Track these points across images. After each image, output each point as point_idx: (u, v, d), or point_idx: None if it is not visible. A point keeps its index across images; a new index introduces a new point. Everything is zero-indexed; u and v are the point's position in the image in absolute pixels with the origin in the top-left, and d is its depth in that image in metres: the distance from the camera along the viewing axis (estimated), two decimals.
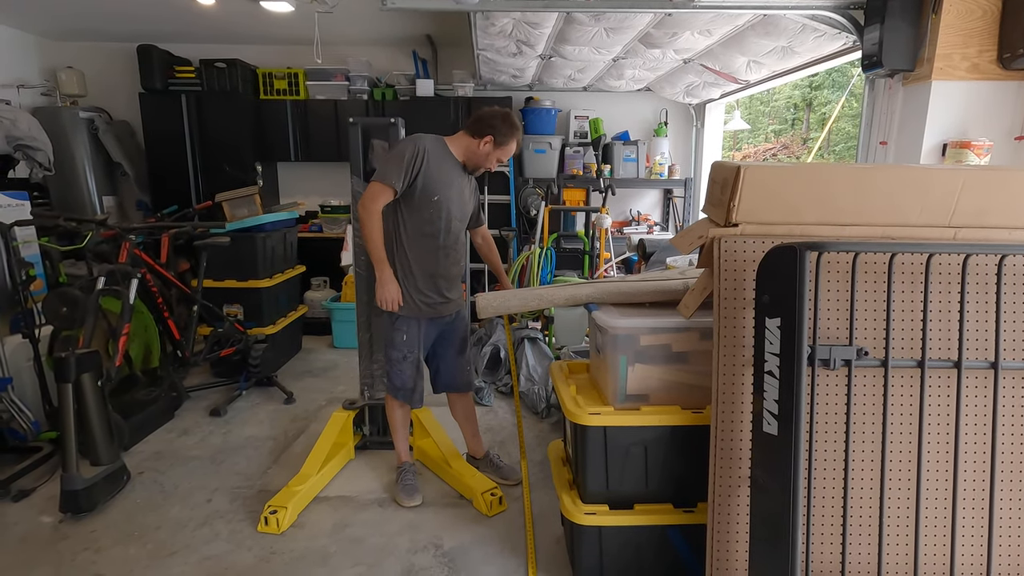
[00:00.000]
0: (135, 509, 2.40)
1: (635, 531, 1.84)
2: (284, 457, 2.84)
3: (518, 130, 2.30)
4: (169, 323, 3.28)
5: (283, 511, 2.25)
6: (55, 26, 4.68)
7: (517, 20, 3.17)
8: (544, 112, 5.03)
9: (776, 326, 1.36)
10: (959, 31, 2.37)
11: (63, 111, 4.63)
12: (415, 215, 2.26)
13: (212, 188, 4.69)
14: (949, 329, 1.47)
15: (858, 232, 1.55)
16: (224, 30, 4.68)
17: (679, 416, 1.77)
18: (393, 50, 5.20)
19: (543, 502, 2.44)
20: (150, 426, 3.09)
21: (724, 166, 1.58)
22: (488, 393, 3.52)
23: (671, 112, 5.40)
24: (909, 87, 2.57)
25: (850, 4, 2.62)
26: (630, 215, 5.57)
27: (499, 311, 2.13)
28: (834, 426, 1.46)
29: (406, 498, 2.42)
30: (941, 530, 1.46)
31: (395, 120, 2.63)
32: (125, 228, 3.03)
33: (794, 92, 12.80)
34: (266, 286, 3.85)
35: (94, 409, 2.39)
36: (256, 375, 3.65)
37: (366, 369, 2.81)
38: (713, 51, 3.57)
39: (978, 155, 2.35)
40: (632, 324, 1.80)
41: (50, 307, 2.66)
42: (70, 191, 4.64)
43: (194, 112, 4.86)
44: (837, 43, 2.97)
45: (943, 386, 1.46)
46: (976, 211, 1.52)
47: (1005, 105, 2.44)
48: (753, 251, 1.52)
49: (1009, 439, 1.46)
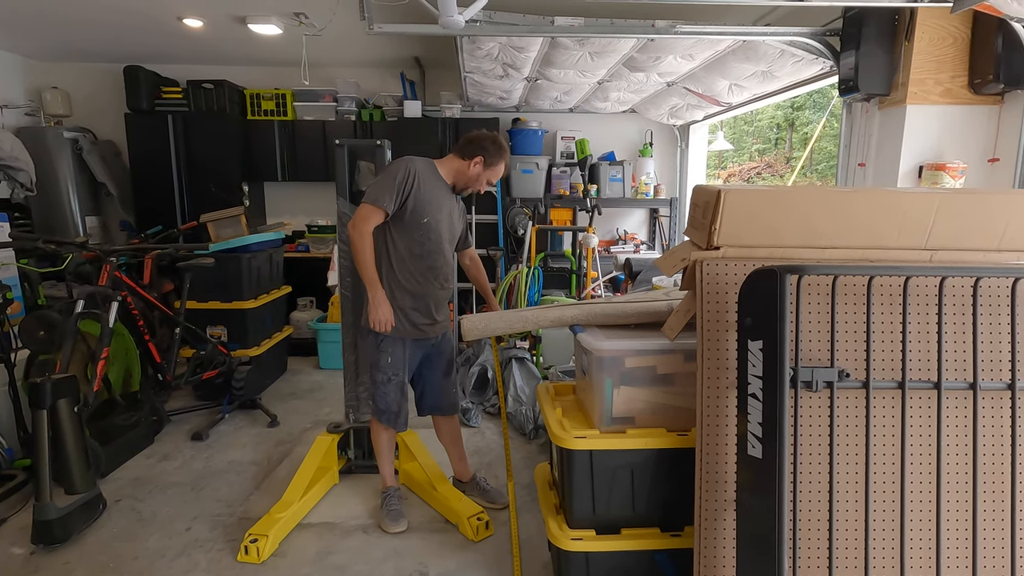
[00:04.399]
0: (111, 538, 2.33)
1: (622, 556, 1.82)
2: (267, 482, 2.78)
3: (507, 152, 2.36)
4: (150, 345, 3.22)
5: (264, 539, 2.20)
6: (41, 47, 4.67)
7: (503, 44, 3.21)
8: (531, 133, 5.09)
9: (759, 348, 1.37)
10: (931, 57, 2.44)
11: (47, 131, 4.60)
12: (405, 237, 2.26)
13: (198, 208, 4.66)
14: (929, 350, 1.48)
15: (838, 255, 1.57)
16: (212, 51, 4.70)
17: (665, 439, 1.76)
18: (381, 72, 5.25)
19: (530, 526, 2.41)
20: (129, 451, 3.02)
21: (705, 190, 1.60)
22: (476, 414, 3.49)
23: (656, 133, 5.48)
24: (885, 111, 2.63)
25: (826, 31, 2.70)
26: (617, 234, 5.61)
27: (484, 333, 2.12)
28: (818, 448, 1.46)
29: (391, 524, 2.38)
30: (926, 551, 1.46)
31: (381, 142, 2.64)
32: (106, 250, 2.99)
33: (777, 112, 13.07)
34: (251, 307, 3.80)
35: (70, 436, 2.33)
36: (240, 398, 3.59)
37: (351, 391, 2.77)
38: (696, 75, 3.64)
39: (953, 177, 2.41)
40: (617, 346, 1.80)
41: (27, 330, 2.61)
42: (53, 211, 4.59)
43: (180, 132, 4.85)
44: (815, 68, 3.04)
45: (924, 407, 1.47)
46: (951, 233, 1.55)
47: (978, 129, 2.50)
48: (735, 274, 1.53)
49: (990, 458, 1.47)
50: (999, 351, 1.47)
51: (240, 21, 3.84)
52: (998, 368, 1.47)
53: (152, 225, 4.73)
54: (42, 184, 4.17)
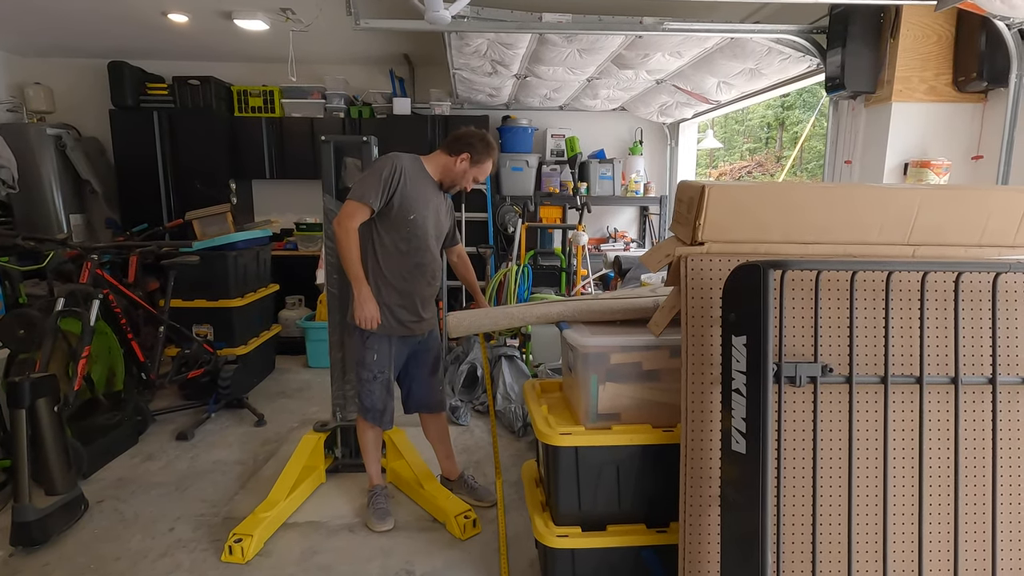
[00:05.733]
0: (92, 540, 2.30)
1: (608, 552, 1.82)
2: (252, 482, 2.75)
3: (494, 150, 2.34)
4: (133, 344, 3.18)
5: (248, 539, 2.18)
6: (24, 42, 4.60)
7: (491, 40, 3.20)
8: (521, 131, 5.07)
9: (742, 344, 1.36)
10: (916, 55, 2.46)
11: (30, 127, 4.52)
12: (391, 233, 2.25)
13: (184, 206, 4.61)
14: (911, 345, 1.48)
15: (821, 250, 1.57)
16: (198, 47, 4.64)
17: (650, 435, 1.76)
18: (370, 68, 5.22)
19: (518, 524, 2.40)
20: (113, 451, 2.98)
21: (690, 185, 1.60)
22: (465, 412, 3.48)
23: (646, 131, 5.49)
24: (871, 108, 2.65)
25: (813, 29, 2.71)
26: (607, 232, 5.61)
27: (470, 330, 2.11)
28: (802, 443, 1.46)
29: (378, 522, 2.36)
30: (909, 545, 1.47)
31: (368, 139, 2.62)
32: (87, 247, 2.95)
33: (767, 112, 13.16)
34: (238, 305, 3.77)
35: (50, 435, 2.30)
36: (226, 397, 3.55)
37: (338, 390, 2.75)
38: (684, 72, 3.65)
39: (937, 174, 2.42)
40: (603, 343, 1.80)
41: (6, 329, 2.57)
42: (36, 209, 4.51)
43: (166, 129, 4.79)
44: (802, 65, 3.05)
45: (907, 401, 1.47)
46: (933, 229, 1.56)
47: (962, 126, 2.52)
48: (719, 269, 1.53)
49: (972, 452, 1.48)
50: (980, 346, 1.47)
51: (226, 16, 3.80)
52: (979, 363, 1.47)
53: (138, 223, 4.67)
54: (25, 181, 4.11)
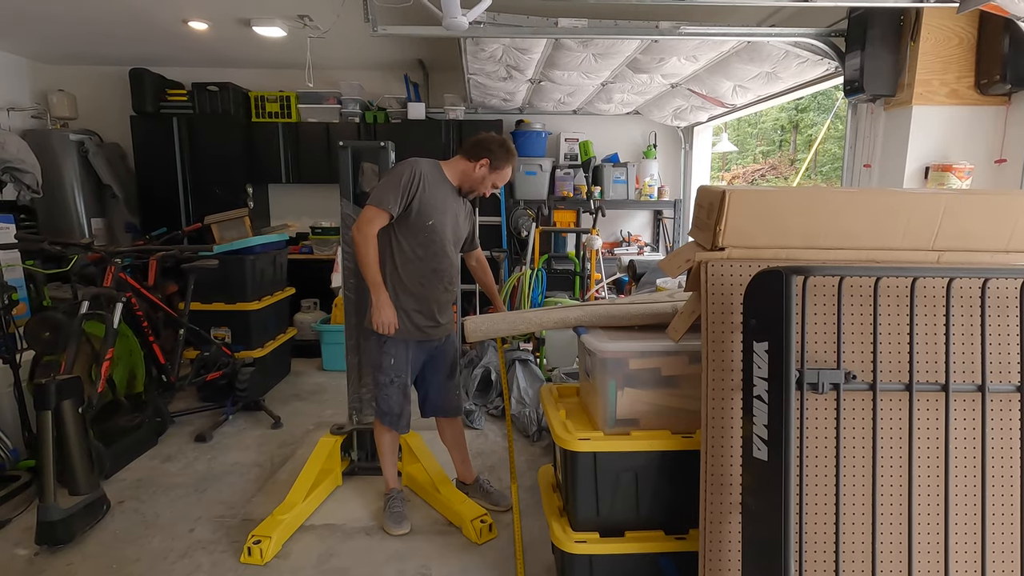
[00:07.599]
0: (114, 540, 2.33)
1: (626, 559, 1.81)
2: (270, 484, 2.78)
3: (514, 155, 2.33)
4: (154, 347, 3.23)
5: (267, 541, 2.20)
6: (47, 50, 4.70)
7: (506, 46, 3.21)
8: (534, 135, 5.08)
9: (764, 350, 1.35)
10: (937, 58, 2.43)
11: (53, 133, 4.62)
12: (409, 239, 2.26)
13: (202, 210, 4.67)
14: (936, 352, 1.47)
15: (843, 256, 1.56)
16: (217, 54, 4.71)
17: (669, 441, 1.75)
18: (385, 74, 5.26)
19: (534, 529, 2.39)
20: (133, 452, 3.02)
21: (710, 190, 1.59)
22: (479, 416, 3.48)
23: (660, 135, 5.47)
24: (891, 111, 2.62)
25: (831, 32, 2.69)
26: (621, 236, 5.60)
27: (488, 335, 2.11)
28: (824, 450, 1.45)
29: (394, 526, 2.37)
30: (934, 554, 1.45)
31: (385, 144, 2.64)
32: (111, 251, 3.00)
33: (781, 114, 13.05)
34: (255, 309, 3.81)
35: (74, 437, 2.34)
36: (243, 399, 3.59)
37: (355, 393, 2.77)
38: (699, 76, 3.63)
39: (960, 178, 2.39)
40: (621, 348, 1.79)
41: (32, 331, 2.62)
42: (59, 213, 4.61)
43: (185, 135, 4.87)
44: (820, 69, 3.03)
45: (932, 409, 1.45)
46: (958, 234, 1.54)
47: (984, 129, 2.49)
48: (740, 275, 1.52)
49: (998, 460, 1.45)
50: (1008, 353, 1.45)
51: (245, 24, 3.85)
52: (1007, 370, 1.45)
53: (157, 227, 4.74)
54: (48, 186, 4.18)
